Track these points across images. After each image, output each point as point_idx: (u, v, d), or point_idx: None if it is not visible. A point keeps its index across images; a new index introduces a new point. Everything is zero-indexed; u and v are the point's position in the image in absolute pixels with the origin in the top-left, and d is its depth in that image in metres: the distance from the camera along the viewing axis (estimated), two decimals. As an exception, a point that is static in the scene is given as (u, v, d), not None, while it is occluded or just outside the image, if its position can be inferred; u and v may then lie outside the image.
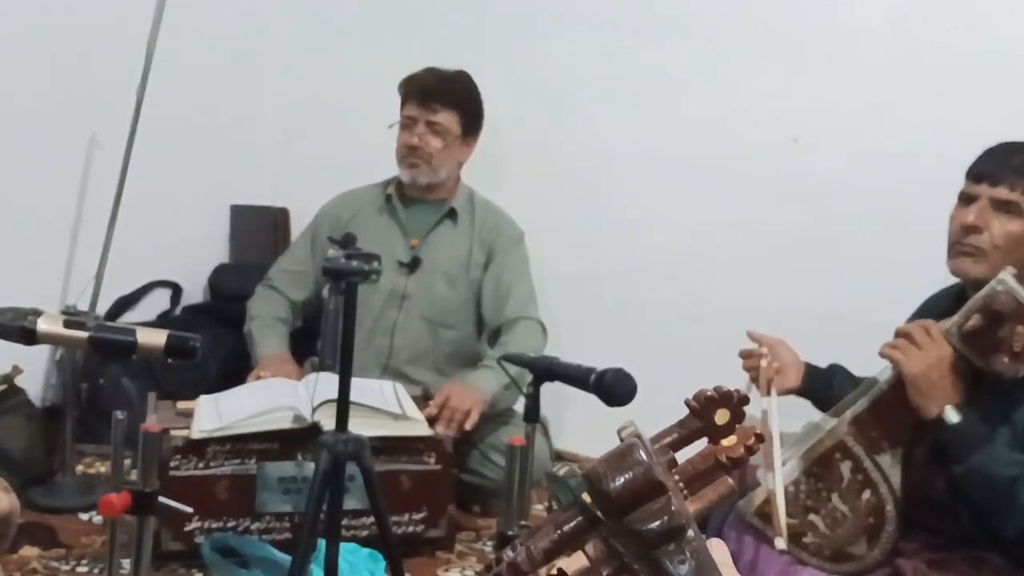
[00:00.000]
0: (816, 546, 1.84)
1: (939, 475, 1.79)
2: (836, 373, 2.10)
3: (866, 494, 1.81)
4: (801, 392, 2.05)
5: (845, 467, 1.83)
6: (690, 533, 0.42)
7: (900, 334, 1.79)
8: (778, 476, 1.81)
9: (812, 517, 1.85)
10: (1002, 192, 1.84)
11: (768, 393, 1.95)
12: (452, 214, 2.96)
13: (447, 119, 2.86)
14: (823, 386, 2.05)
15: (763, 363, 1.98)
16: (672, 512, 0.42)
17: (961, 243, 1.86)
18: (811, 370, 2.06)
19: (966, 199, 1.90)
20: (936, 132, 2.76)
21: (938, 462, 1.78)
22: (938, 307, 1.96)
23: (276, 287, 2.99)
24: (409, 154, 2.88)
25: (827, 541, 1.83)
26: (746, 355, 2.04)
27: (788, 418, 1.98)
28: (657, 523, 0.42)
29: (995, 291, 1.67)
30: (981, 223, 1.84)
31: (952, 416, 1.70)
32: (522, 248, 3.02)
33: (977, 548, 1.77)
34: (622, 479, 0.43)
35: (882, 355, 1.80)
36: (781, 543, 1.76)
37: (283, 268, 3.04)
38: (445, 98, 2.86)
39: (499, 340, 2.88)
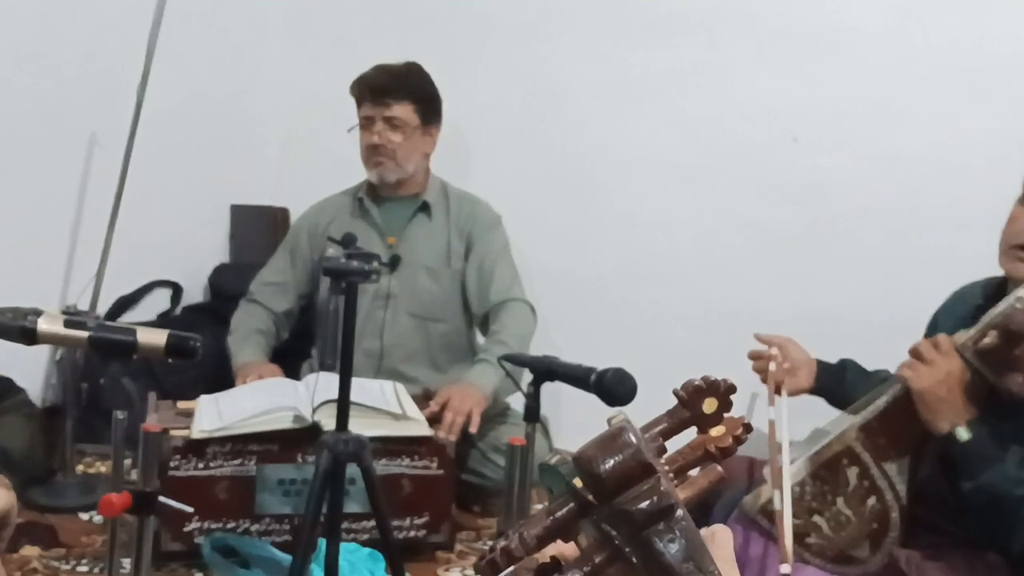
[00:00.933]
0: (819, 547, 1.84)
1: (947, 484, 1.78)
2: (848, 368, 2.08)
3: (871, 500, 1.80)
4: (814, 391, 2.03)
5: (852, 473, 1.82)
6: (679, 513, 0.43)
7: (911, 353, 1.77)
8: (786, 499, 1.78)
9: (816, 519, 1.85)
10: None
11: (778, 394, 1.92)
12: (425, 208, 2.96)
13: (403, 112, 2.86)
14: (836, 383, 2.03)
15: (772, 366, 1.95)
16: (661, 492, 0.42)
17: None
18: (823, 367, 2.04)
19: None
20: (936, 132, 2.76)
21: (946, 471, 1.77)
22: (968, 302, 1.92)
23: (257, 300, 2.99)
24: (373, 153, 2.88)
25: (830, 543, 1.83)
26: (755, 356, 2.02)
27: (799, 421, 1.96)
28: (646, 503, 0.42)
29: (1014, 309, 1.63)
30: None
31: (963, 434, 1.68)
32: (500, 231, 3.01)
33: (978, 547, 1.76)
34: (611, 461, 0.43)
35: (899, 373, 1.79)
36: (786, 568, 1.75)
37: (263, 281, 3.03)
38: (397, 92, 2.85)
39: (490, 328, 2.88)
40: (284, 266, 3.03)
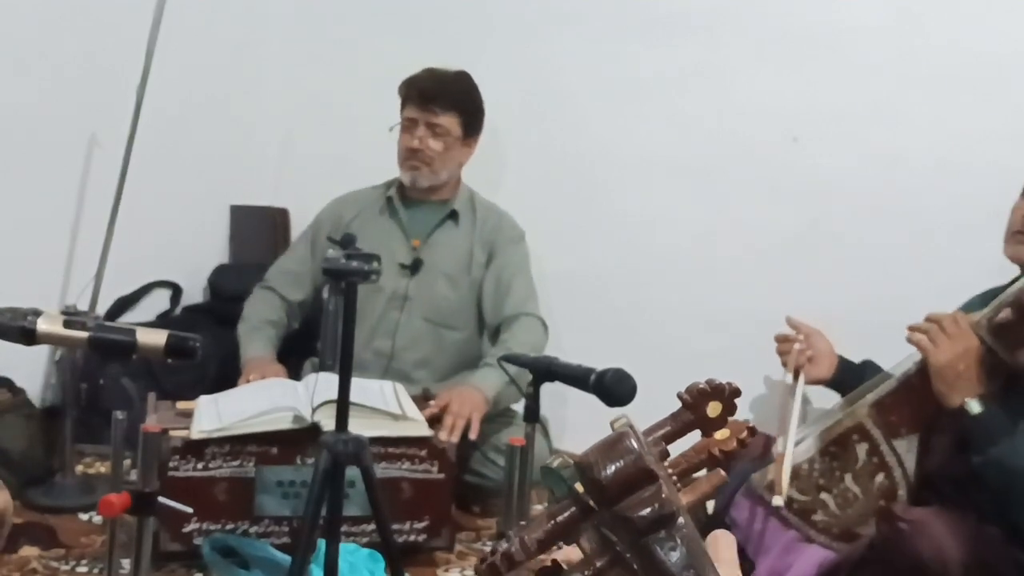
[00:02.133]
0: (825, 524, 1.85)
1: (959, 460, 1.79)
2: (868, 368, 2.12)
3: (879, 477, 1.82)
4: (831, 384, 2.07)
5: (861, 449, 1.84)
6: (681, 520, 0.43)
7: (930, 320, 1.80)
8: (790, 439, 1.82)
9: (823, 496, 1.86)
10: None
11: (795, 378, 1.99)
12: (453, 215, 2.96)
13: (447, 121, 2.86)
14: (854, 380, 2.06)
15: (796, 347, 2.04)
16: (663, 499, 0.42)
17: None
18: (844, 363, 2.09)
19: None
20: (936, 132, 2.76)
21: (960, 449, 1.78)
22: (986, 303, 1.95)
23: (273, 287, 2.99)
24: (410, 156, 2.88)
25: (836, 520, 1.84)
26: (781, 339, 2.11)
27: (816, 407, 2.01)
28: (648, 510, 0.42)
29: None
30: None
31: (975, 407, 1.71)
32: (523, 246, 3.02)
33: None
34: (613, 467, 0.43)
35: (910, 340, 1.81)
36: (778, 500, 1.78)
37: (281, 268, 3.04)
38: (445, 100, 2.86)
39: (499, 337, 2.88)
40: (304, 256, 3.03)
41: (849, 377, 2.07)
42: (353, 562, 2.25)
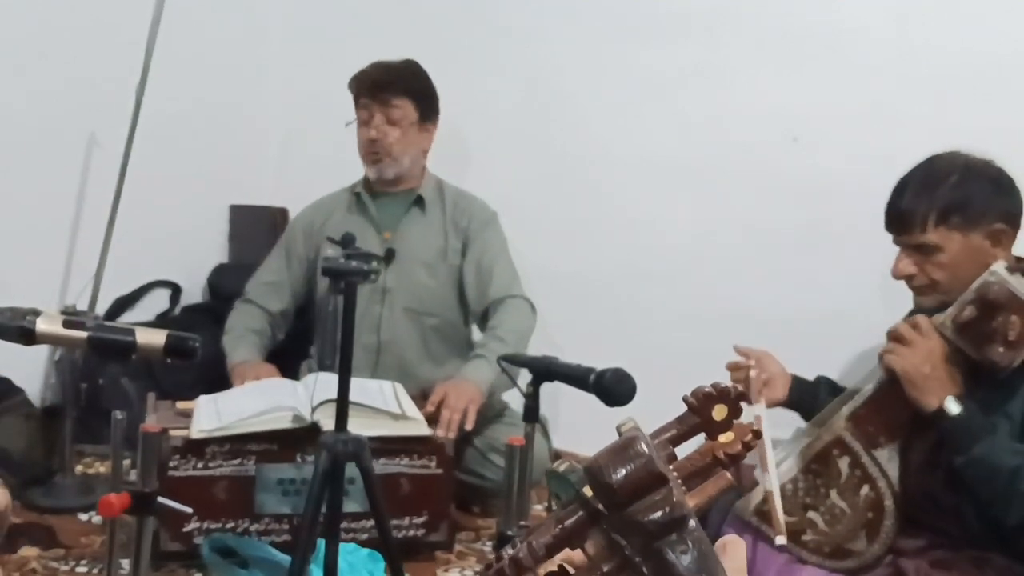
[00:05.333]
0: (816, 543, 1.85)
1: (939, 474, 1.80)
2: (821, 385, 2.12)
3: (864, 489, 1.82)
4: (788, 404, 2.07)
5: (843, 463, 1.85)
6: (692, 523, 0.43)
7: (891, 337, 1.81)
8: (773, 476, 1.82)
9: (811, 514, 1.86)
10: (912, 239, 1.88)
11: (758, 400, 1.98)
12: (420, 202, 2.96)
13: (402, 106, 2.88)
14: (809, 397, 2.07)
15: (752, 373, 2.01)
16: (674, 503, 0.42)
17: (908, 285, 1.93)
18: (797, 382, 2.08)
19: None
20: (936, 132, 2.75)
21: (937, 461, 1.79)
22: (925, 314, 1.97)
23: (252, 300, 2.99)
24: (371, 149, 2.90)
25: (827, 538, 1.84)
26: (733, 367, 2.07)
27: (776, 429, 2.00)
28: (659, 514, 0.42)
29: (987, 282, 1.71)
30: (909, 270, 1.90)
31: (953, 407, 1.72)
32: (497, 228, 3.01)
33: (980, 547, 1.77)
34: (623, 471, 0.43)
35: (881, 363, 1.83)
36: (781, 539, 1.78)
37: (259, 280, 3.04)
38: (395, 87, 2.87)
39: (488, 324, 2.88)
40: (280, 266, 3.03)
41: (805, 395, 2.08)
42: (353, 562, 2.25)
